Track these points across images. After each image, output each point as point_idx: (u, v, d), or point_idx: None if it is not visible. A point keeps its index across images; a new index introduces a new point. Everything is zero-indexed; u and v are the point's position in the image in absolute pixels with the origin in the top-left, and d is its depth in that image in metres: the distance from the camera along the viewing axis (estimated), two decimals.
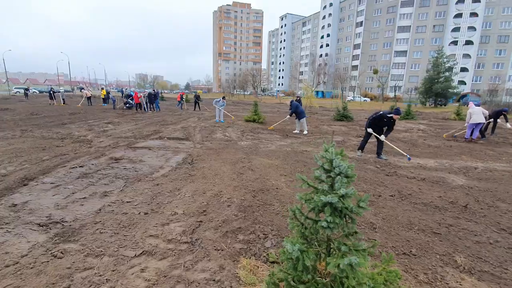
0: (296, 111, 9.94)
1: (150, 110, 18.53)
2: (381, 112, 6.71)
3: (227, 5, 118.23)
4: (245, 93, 72.92)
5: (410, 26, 54.64)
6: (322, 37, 74.23)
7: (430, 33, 52.93)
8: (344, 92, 54.78)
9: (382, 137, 6.55)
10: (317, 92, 72.21)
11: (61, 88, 23.97)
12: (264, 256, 2.52)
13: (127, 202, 3.58)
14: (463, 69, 49.09)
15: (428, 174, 5.36)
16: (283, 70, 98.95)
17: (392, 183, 4.73)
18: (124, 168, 5.09)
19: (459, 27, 48.91)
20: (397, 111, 6.39)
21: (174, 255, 2.48)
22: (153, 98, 18.81)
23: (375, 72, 39.55)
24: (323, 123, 14.17)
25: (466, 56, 48.85)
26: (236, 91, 71.24)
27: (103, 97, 21.28)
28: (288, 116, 10.36)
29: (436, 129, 12.68)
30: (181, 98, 19.90)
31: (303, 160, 6.10)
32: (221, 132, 9.79)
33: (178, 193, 3.96)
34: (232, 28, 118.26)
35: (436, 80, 30.12)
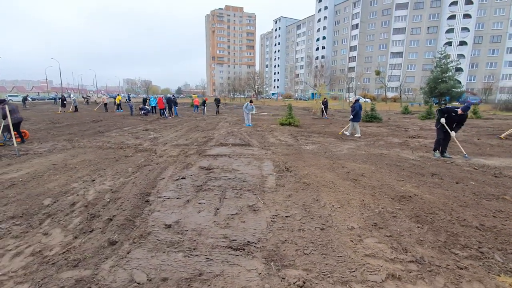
0: (357, 113, 9.72)
1: (169, 115, 18.01)
2: (450, 106, 6.66)
3: (219, 9, 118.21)
4: (242, 96, 72.70)
5: (405, 28, 56.01)
6: (318, 39, 75.10)
7: (425, 35, 54.39)
8: (341, 93, 55.39)
9: (453, 133, 6.43)
10: (313, 94, 72.99)
11: (72, 95, 23.04)
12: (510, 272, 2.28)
13: (287, 216, 3.27)
14: (458, 69, 50.47)
15: None
16: (278, 73, 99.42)
17: None
18: (229, 179, 4.74)
19: (453, 28, 50.47)
20: (464, 107, 6.29)
21: (421, 277, 2.20)
22: (172, 103, 18.33)
23: (377, 73, 40.16)
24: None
25: (461, 56, 50.27)
26: (234, 94, 70.90)
27: (118, 103, 20.55)
28: (352, 116, 9.89)
29: (472, 128, 12.78)
30: (204, 103, 19.42)
31: (394, 164, 5.89)
32: (272, 137, 9.49)
33: (322, 204, 3.67)
34: (225, 32, 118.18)
35: (440, 80, 30.81)
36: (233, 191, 4.10)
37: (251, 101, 13.03)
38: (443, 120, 6.44)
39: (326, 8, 71.17)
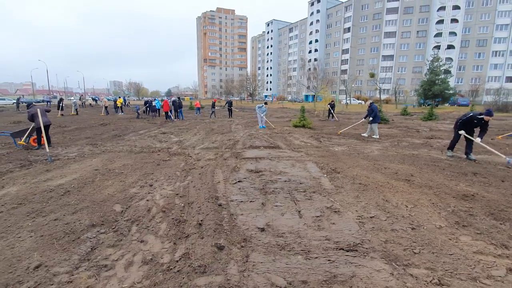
0: (376, 115, 9.90)
1: (176, 118, 17.82)
2: (471, 114, 6.61)
3: (211, 11, 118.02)
4: (237, 98, 72.77)
5: (396, 31, 57.68)
6: (311, 42, 76.15)
7: (414, 38, 56.21)
8: (334, 95, 56.29)
9: (478, 140, 6.37)
10: (307, 96, 73.86)
11: (72, 98, 22.36)
12: None
13: (371, 217, 3.33)
14: (446, 71, 52.42)
15: None
16: (271, 75, 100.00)
17: None
18: (285, 181, 4.76)
19: (441, 33, 52.43)
20: (488, 112, 6.21)
21: None
22: (177, 106, 18.13)
23: (372, 75, 41.18)
24: (365, 127, 14.32)
25: (449, 59, 52.25)
26: (228, 96, 70.83)
27: (120, 105, 20.11)
28: (363, 119, 10.13)
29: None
30: (213, 105, 19.24)
31: (432, 164, 6.06)
32: (294, 139, 9.56)
33: (394, 204, 3.75)
34: (217, 34, 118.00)
35: (434, 82, 31.91)
36: (300, 193, 4.13)
37: (265, 103, 13.05)
38: (462, 132, 6.53)
39: (318, 11, 72.35)
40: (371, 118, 9.96)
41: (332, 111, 18.04)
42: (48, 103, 33.64)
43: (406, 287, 2.08)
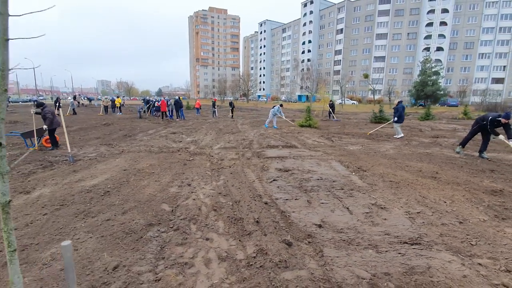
0: (401, 115, 9.97)
1: (177, 118, 17.71)
2: (490, 117, 6.75)
3: (203, 10, 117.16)
4: (231, 98, 72.62)
5: (387, 33, 58.98)
6: (304, 43, 76.80)
7: (405, 40, 57.65)
8: (328, 95, 56.99)
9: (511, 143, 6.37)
10: (300, 96, 74.53)
11: (69, 98, 21.81)
12: None
13: (418, 212, 3.48)
14: (435, 73, 54.07)
15: None
16: (264, 75, 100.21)
17: None
18: (317, 179, 4.88)
19: (431, 35, 53.99)
20: (506, 115, 6.38)
21: None
22: (178, 106, 18.01)
23: (366, 76, 42.08)
24: (368, 126, 14.68)
25: (438, 61, 53.75)
26: (221, 96, 70.59)
27: (119, 105, 19.77)
28: (396, 118, 9.98)
29: None
30: (214, 104, 19.18)
31: (449, 162, 6.31)
32: (305, 138, 9.72)
33: (433, 200, 3.92)
34: (209, 34, 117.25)
35: (426, 83, 32.92)
36: (339, 191, 4.25)
37: (281, 105, 13.14)
38: (501, 137, 6.56)
39: (311, 12, 73.07)
40: (395, 118, 10.00)
41: (332, 111, 18.34)
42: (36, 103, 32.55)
43: (481, 275, 2.22)
